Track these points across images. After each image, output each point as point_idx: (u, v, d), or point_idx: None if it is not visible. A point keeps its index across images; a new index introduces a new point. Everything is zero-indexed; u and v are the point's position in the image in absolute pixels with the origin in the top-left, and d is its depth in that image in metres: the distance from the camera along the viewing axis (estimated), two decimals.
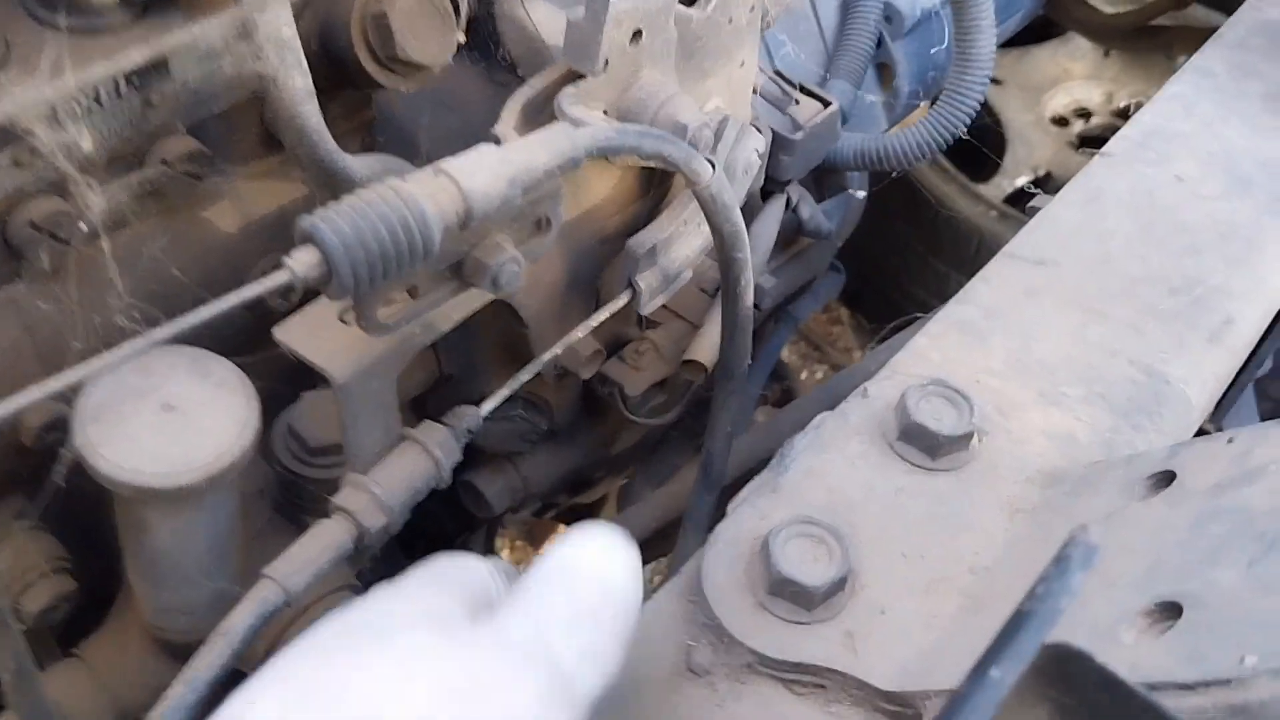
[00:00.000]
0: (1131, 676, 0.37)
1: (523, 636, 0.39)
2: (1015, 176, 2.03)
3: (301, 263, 0.44)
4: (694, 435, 1.00)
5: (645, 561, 0.77)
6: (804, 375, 2.06)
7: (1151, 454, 0.57)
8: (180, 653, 0.61)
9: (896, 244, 1.94)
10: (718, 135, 0.67)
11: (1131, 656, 0.45)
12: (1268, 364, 0.83)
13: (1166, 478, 0.54)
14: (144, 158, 0.57)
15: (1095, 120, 2.12)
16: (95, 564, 0.66)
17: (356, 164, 0.57)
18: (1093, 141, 2.07)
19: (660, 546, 0.91)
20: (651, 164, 0.66)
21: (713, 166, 0.60)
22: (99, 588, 0.67)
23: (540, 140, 0.50)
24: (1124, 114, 2.13)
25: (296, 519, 0.68)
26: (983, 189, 1.90)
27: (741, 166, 0.70)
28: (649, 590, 0.72)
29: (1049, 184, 2.02)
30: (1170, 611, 0.46)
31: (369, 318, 0.50)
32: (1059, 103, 2.15)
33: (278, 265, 0.44)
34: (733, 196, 0.62)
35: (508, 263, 0.52)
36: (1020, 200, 1.98)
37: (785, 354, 1.58)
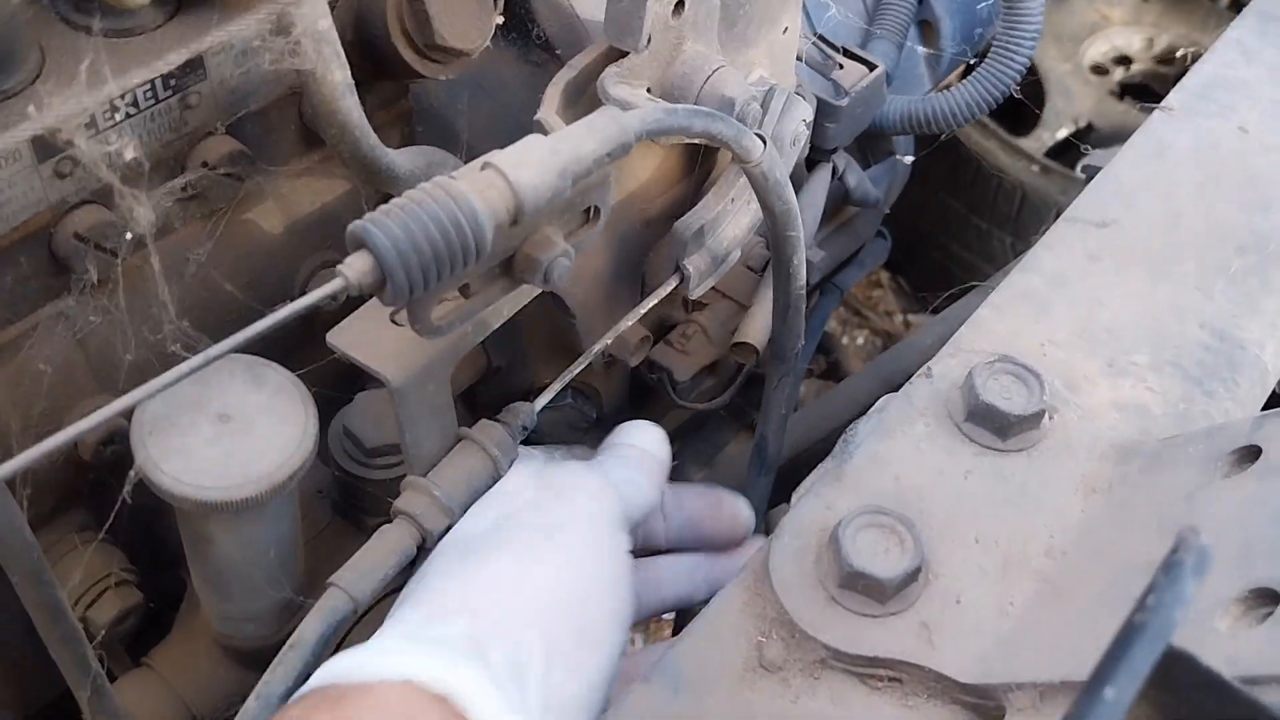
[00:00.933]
0: (1229, 669, 0.35)
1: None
2: (1056, 129, 1.98)
3: (355, 269, 0.43)
4: (739, 414, 0.98)
5: None
6: (844, 341, 2.03)
7: (1233, 427, 0.55)
8: (249, 659, 0.61)
9: (935, 203, 1.90)
10: (765, 107, 0.65)
11: (1228, 647, 0.43)
12: None
13: (1251, 453, 0.52)
14: (185, 161, 0.56)
15: (1136, 67, 2.07)
16: (160, 573, 0.66)
17: (399, 158, 0.56)
18: (1134, 89, 2.02)
19: None
20: (700, 142, 0.64)
21: (764, 143, 0.58)
22: (164, 596, 0.67)
23: (588, 127, 0.48)
24: (1166, 60, 2.07)
25: (357, 520, 0.68)
26: (1023, 143, 1.86)
27: (789, 138, 0.68)
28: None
29: (1091, 135, 1.97)
30: (1267, 598, 0.44)
31: (422, 320, 0.49)
32: (1098, 50, 2.09)
33: (327, 266, 0.43)
34: (784, 173, 0.60)
35: (559, 257, 0.51)
36: (1063, 154, 1.94)
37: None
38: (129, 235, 0.53)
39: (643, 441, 0.67)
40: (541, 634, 0.52)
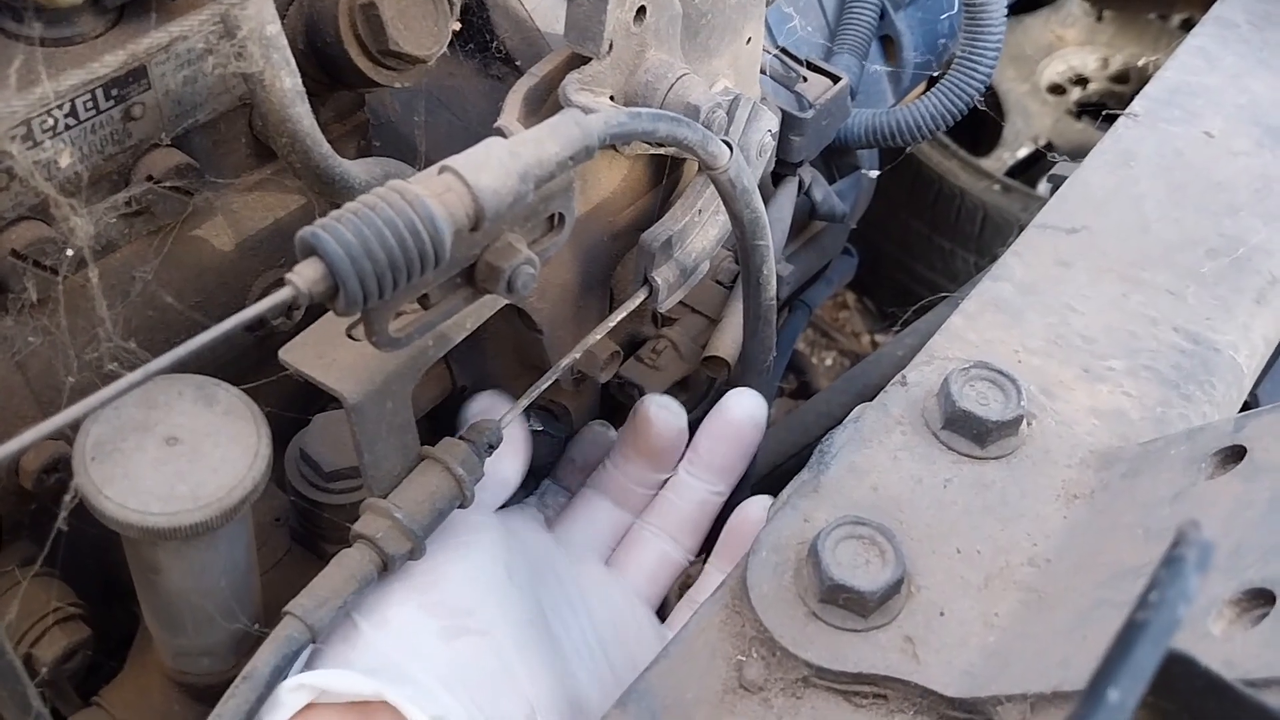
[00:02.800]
0: (1227, 674, 0.34)
1: None
2: (1016, 148, 2.00)
3: (305, 277, 0.41)
4: None
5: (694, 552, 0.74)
6: (814, 361, 2.03)
7: (1215, 427, 0.54)
8: (205, 695, 0.58)
9: (898, 224, 1.91)
10: (730, 117, 0.64)
11: (1224, 651, 0.42)
12: None
13: (1236, 453, 0.51)
14: (129, 175, 0.53)
15: (1092, 87, 2.10)
16: (111, 609, 0.63)
17: (355, 168, 0.54)
18: (1091, 108, 2.04)
19: None
20: (666, 150, 0.63)
21: (730, 149, 0.56)
22: (115, 632, 0.64)
23: (549, 130, 0.46)
24: (1121, 79, 2.10)
25: (317, 548, 0.65)
26: (984, 163, 1.87)
27: (755, 148, 0.67)
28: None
29: (1050, 155, 1.99)
30: (1261, 599, 0.42)
31: (379, 332, 0.47)
32: (1054, 71, 2.12)
33: (280, 282, 0.41)
34: (752, 180, 0.59)
35: (522, 265, 0.49)
36: (1023, 172, 1.95)
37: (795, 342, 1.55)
38: (69, 252, 0.51)
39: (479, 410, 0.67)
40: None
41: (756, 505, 0.70)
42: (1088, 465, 0.58)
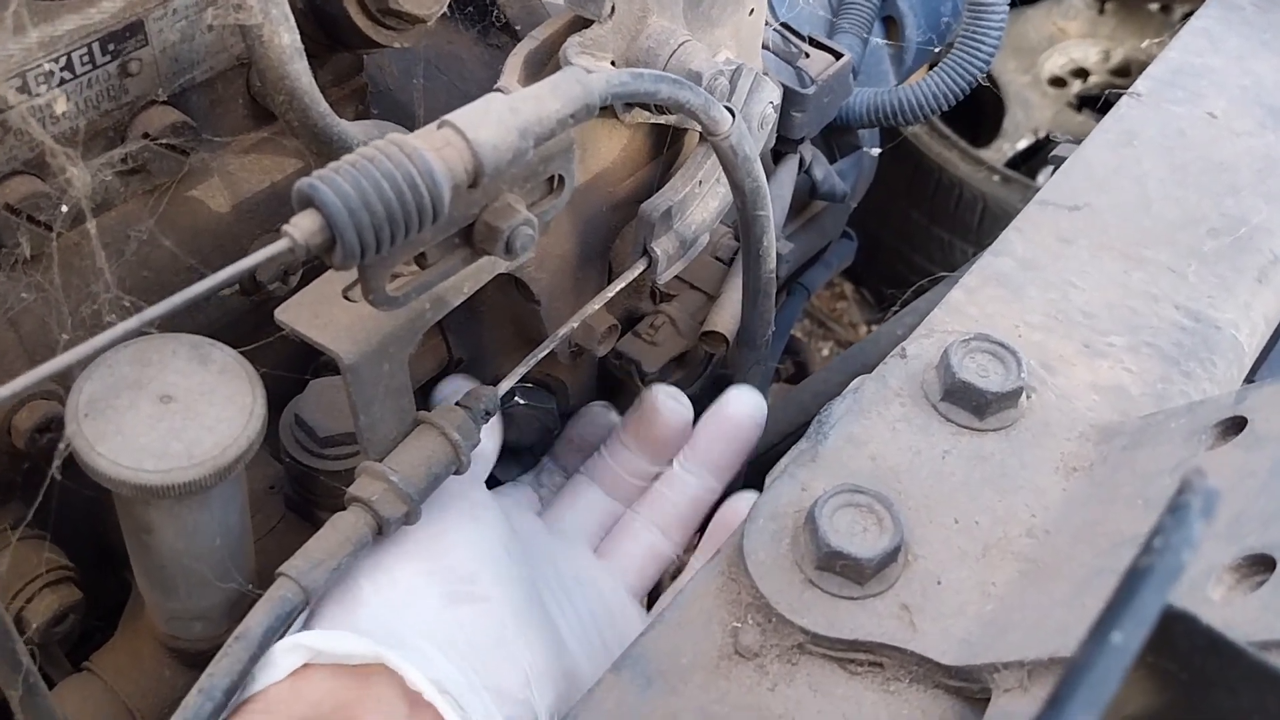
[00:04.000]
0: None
1: None
2: (1016, 140, 2.00)
3: (302, 229, 0.40)
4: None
5: (684, 547, 0.74)
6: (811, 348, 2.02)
7: (1217, 400, 0.53)
8: (197, 661, 0.58)
9: (897, 214, 1.91)
10: (732, 86, 0.63)
11: (1223, 615, 0.41)
12: None
13: (1236, 424, 0.51)
14: (125, 133, 0.53)
15: (1093, 80, 2.09)
16: (102, 572, 0.62)
17: (352, 129, 0.53)
18: (1091, 101, 2.04)
19: None
20: (667, 120, 0.62)
21: (732, 115, 0.56)
22: (107, 600, 0.64)
23: (551, 87, 0.46)
24: (1122, 72, 2.10)
25: (311, 515, 0.64)
26: (984, 154, 1.87)
27: (757, 120, 0.67)
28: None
29: (1049, 147, 1.99)
30: (1261, 565, 0.42)
31: (376, 290, 0.47)
32: (1055, 63, 2.12)
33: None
34: (754, 148, 0.59)
35: (521, 226, 0.49)
36: (1022, 164, 1.95)
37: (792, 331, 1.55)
38: (64, 208, 0.50)
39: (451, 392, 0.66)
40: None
41: (744, 500, 0.69)
42: (1087, 439, 0.58)
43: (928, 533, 0.54)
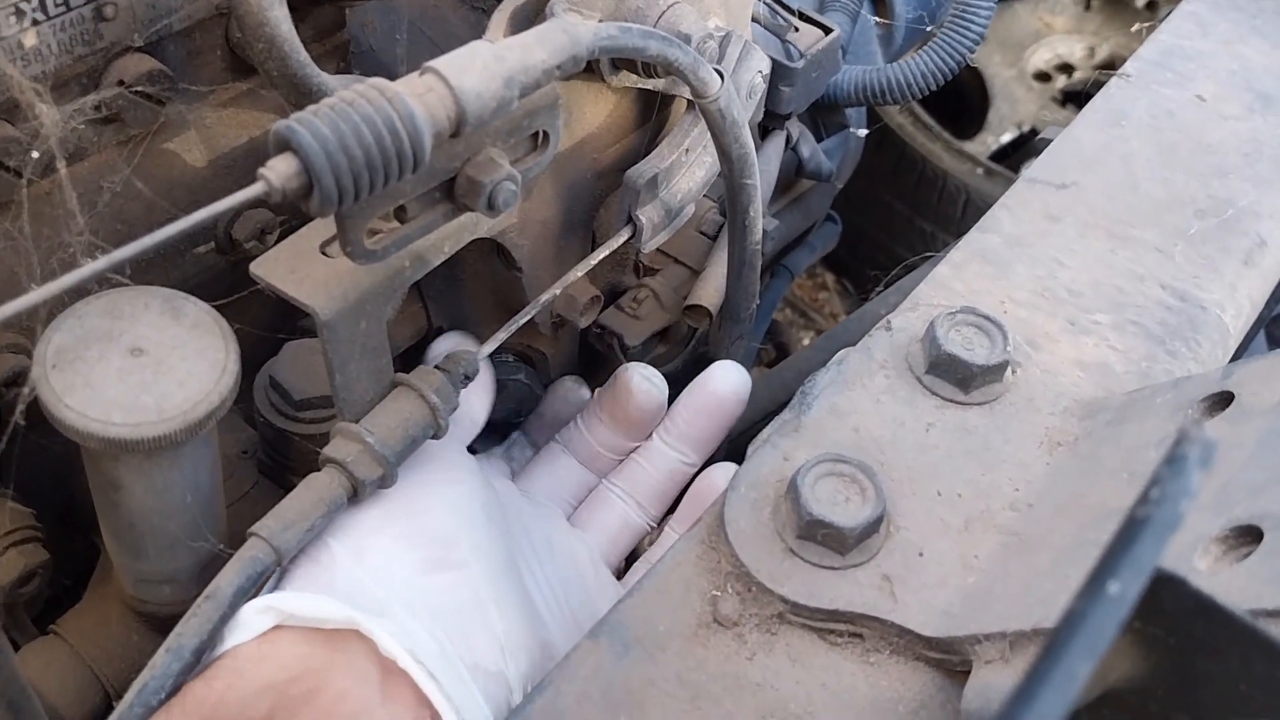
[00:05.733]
0: None
1: None
2: (1000, 133, 2.00)
3: (279, 172, 0.39)
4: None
5: (658, 520, 0.73)
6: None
7: (1204, 376, 0.53)
8: (166, 625, 0.56)
9: (880, 206, 1.91)
10: (722, 52, 0.62)
11: (1209, 585, 0.41)
12: None
13: (1223, 399, 0.51)
14: (99, 80, 0.52)
15: (1078, 75, 2.10)
16: (69, 535, 0.61)
17: (332, 80, 0.52)
18: (1076, 97, 2.04)
19: None
20: (654, 84, 0.61)
21: (721, 77, 0.55)
22: (76, 561, 0.62)
23: (537, 36, 0.45)
24: (1107, 67, 2.10)
25: (285, 481, 0.63)
26: (968, 146, 1.87)
27: (746, 89, 0.66)
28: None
29: (1034, 141, 1.99)
30: (1248, 535, 0.42)
31: (354, 241, 0.45)
32: (1041, 58, 2.12)
33: (255, 205, 0.39)
34: (742, 113, 0.58)
35: (504, 181, 0.47)
36: (1004, 157, 1.95)
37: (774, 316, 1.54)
38: (35, 154, 0.49)
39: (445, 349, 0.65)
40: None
41: (721, 472, 0.68)
42: (1071, 414, 0.57)
43: (910, 504, 0.53)
